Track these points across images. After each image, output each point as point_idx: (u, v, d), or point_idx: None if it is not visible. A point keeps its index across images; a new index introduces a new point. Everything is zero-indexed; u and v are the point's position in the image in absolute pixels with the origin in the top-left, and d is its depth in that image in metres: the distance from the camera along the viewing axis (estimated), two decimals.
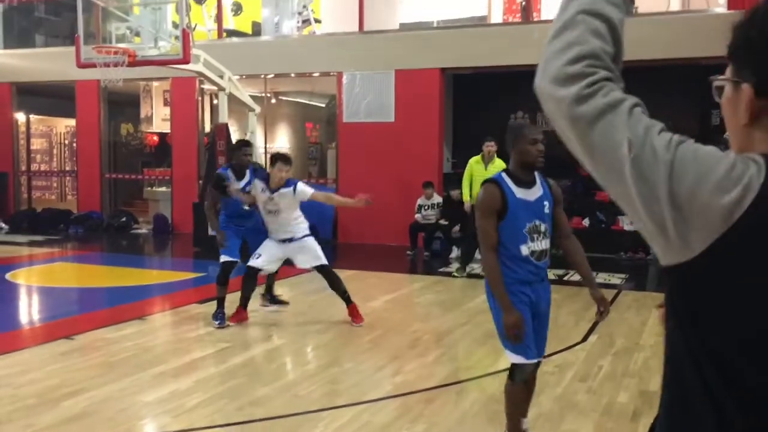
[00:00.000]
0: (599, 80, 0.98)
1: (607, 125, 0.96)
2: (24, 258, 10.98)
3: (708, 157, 0.95)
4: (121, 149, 16.39)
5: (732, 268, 0.93)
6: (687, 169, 0.93)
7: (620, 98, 0.98)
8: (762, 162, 0.95)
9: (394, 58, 12.06)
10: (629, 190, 0.96)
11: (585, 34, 1.00)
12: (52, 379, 4.84)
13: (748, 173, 0.93)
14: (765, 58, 0.99)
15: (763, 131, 1.01)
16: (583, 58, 0.98)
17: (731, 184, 0.92)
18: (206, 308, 7.22)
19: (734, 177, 0.92)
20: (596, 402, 4.50)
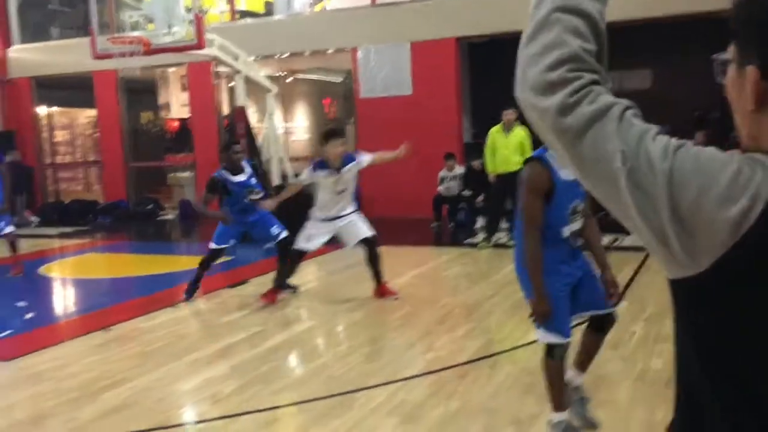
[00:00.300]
0: (584, 86, 0.89)
1: (596, 135, 0.88)
2: (55, 251, 11.16)
3: (710, 163, 0.86)
4: (142, 137, 16.50)
5: (742, 282, 0.87)
6: (688, 179, 0.85)
7: (609, 103, 0.89)
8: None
9: (408, 30, 11.93)
10: (626, 203, 0.89)
11: (563, 35, 0.90)
12: (91, 372, 4.94)
13: (755, 180, 0.85)
14: None
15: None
16: (564, 62, 0.89)
17: (737, 192, 0.84)
18: (236, 292, 7.31)
19: (740, 185, 0.84)
20: (630, 369, 4.49)
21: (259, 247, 7.12)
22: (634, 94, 7.87)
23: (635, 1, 10.27)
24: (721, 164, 0.86)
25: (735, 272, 0.86)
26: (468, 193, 10.98)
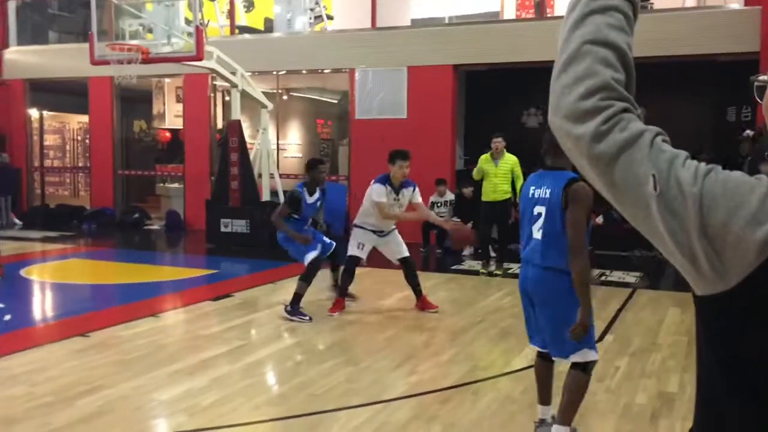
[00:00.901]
0: (616, 113, 0.92)
1: (628, 161, 0.91)
2: (38, 254, 11.03)
3: (739, 187, 0.89)
4: (133, 146, 16.44)
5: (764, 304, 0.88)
6: (717, 203, 0.87)
7: (640, 130, 0.92)
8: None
9: (407, 55, 12.01)
10: (657, 226, 0.91)
11: (594, 65, 0.93)
12: (68, 377, 4.84)
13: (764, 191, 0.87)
14: None
15: None
16: (596, 91, 0.92)
17: (765, 215, 0.86)
18: (220, 305, 7.23)
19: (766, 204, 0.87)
20: (614, 403, 4.46)
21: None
22: None
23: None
24: (750, 188, 0.88)
25: (761, 291, 0.87)
26: (457, 220, 10.98)
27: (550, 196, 3.53)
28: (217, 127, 13.99)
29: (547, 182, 3.61)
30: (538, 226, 3.58)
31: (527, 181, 3.78)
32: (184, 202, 13.97)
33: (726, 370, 0.93)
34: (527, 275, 3.68)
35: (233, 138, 11.35)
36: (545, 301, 3.61)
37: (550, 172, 3.63)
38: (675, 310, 6.99)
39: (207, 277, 9.18)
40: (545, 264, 3.56)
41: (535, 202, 3.62)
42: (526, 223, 3.67)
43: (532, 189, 3.66)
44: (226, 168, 11.45)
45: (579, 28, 0.96)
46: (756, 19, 9.78)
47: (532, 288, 3.65)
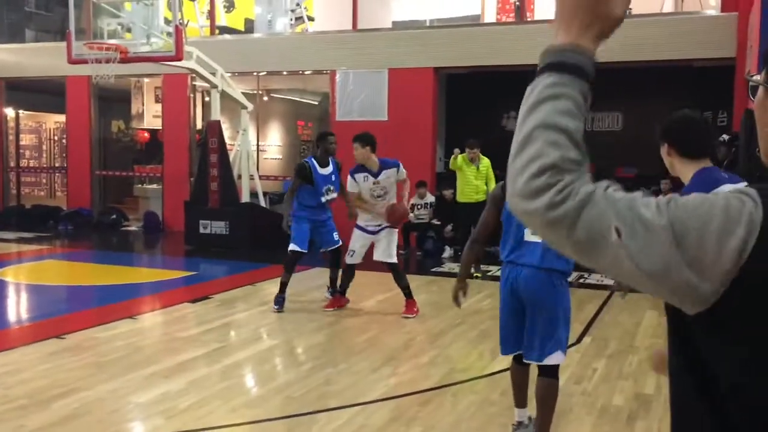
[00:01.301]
0: (567, 185, 0.94)
1: (588, 219, 0.92)
2: (13, 255, 10.88)
3: (700, 206, 0.92)
4: (111, 146, 16.27)
5: (749, 310, 0.91)
6: (686, 227, 0.90)
7: (591, 190, 0.94)
8: (755, 194, 0.92)
9: (388, 57, 12.02)
10: (633, 271, 0.92)
11: (544, 147, 0.96)
12: (43, 380, 4.78)
13: (746, 210, 0.90)
14: None
15: None
16: (546, 170, 0.95)
17: (733, 224, 0.89)
18: (198, 307, 7.18)
19: (733, 217, 0.90)
20: (591, 405, 4.49)
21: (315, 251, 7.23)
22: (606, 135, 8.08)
23: (608, 47, 10.50)
24: (710, 204, 0.92)
25: (742, 300, 0.90)
26: (437, 222, 11.01)
27: None
28: (196, 127, 13.89)
29: None
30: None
31: None
32: (163, 203, 13.86)
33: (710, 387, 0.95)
34: (520, 277, 3.67)
35: (213, 139, 11.29)
36: (542, 302, 3.63)
37: None
38: (652, 313, 7.06)
39: (185, 279, 9.11)
40: (544, 265, 3.60)
41: None
42: (515, 227, 3.68)
43: None
44: (205, 169, 11.37)
45: (532, 114, 0.99)
46: (732, 25, 9.92)
47: (527, 289, 3.64)
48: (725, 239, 0.89)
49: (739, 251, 0.88)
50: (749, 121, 5.29)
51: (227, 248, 10.73)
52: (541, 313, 3.65)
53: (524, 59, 11.45)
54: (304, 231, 6.98)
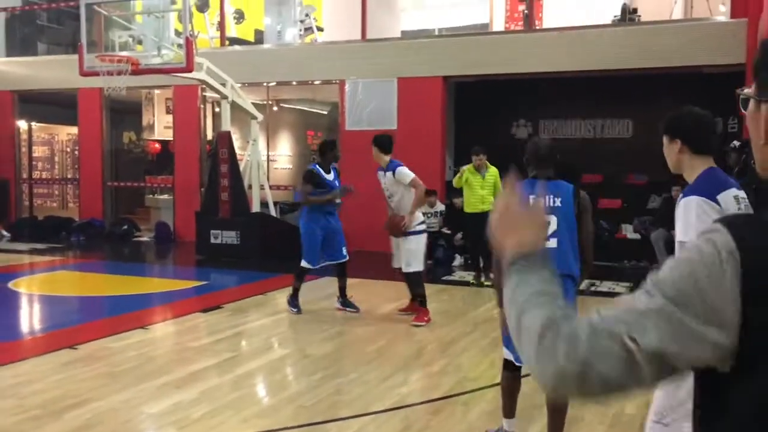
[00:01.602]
0: (567, 332, 0.98)
1: (601, 355, 0.94)
2: (26, 266, 10.96)
3: (684, 269, 0.95)
4: (122, 157, 16.38)
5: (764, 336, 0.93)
6: (684, 293, 0.93)
7: (584, 333, 0.96)
8: (719, 226, 0.95)
9: (397, 66, 12.06)
10: (670, 354, 0.94)
11: (534, 315, 1.02)
12: (56, 390, 4.81)
13: (718, 246, 0.93)
14: None
15: None
16: (545, 328, 1.00)
17: (716, 268, 0.92)
18: (209, 317, 7.21)
19: (711, 261, 0.93)
20: (603, 413, 4.46)
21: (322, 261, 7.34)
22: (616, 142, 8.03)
23: (618, 55, 10.51)
24: (689, 261, 0.95)
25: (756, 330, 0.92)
26: (447, 231, 11.01)
27: (562, 205, 3.59)
28: (207, 138, 13.97)
29: (549, 191, 3.63)
30: (549, 233, 3.61)
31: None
32: (174, 213, 13.93)
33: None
34: None
35: (223, 149, 11.34)
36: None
37: (545, 181, 3.67)
38: None
39: (197, 289, 9.14)
40: (561, 271, 3.61)
41: None
42: None
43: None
44: (216, 179, 11.43)
45: (515, 308, 1.06)
46: (742, 31, 9.89)
47: None
48: (718, 284, 0.92)
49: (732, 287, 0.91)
50: None
51: (238, 258, 10.76)
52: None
53: (533, 67, 11.49)
54: (317, 245, 7.10)
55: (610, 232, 11.14)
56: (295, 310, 7.19)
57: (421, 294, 6.92)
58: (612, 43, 10.75)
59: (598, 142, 11.97)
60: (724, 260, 0.92)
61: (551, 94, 11.71)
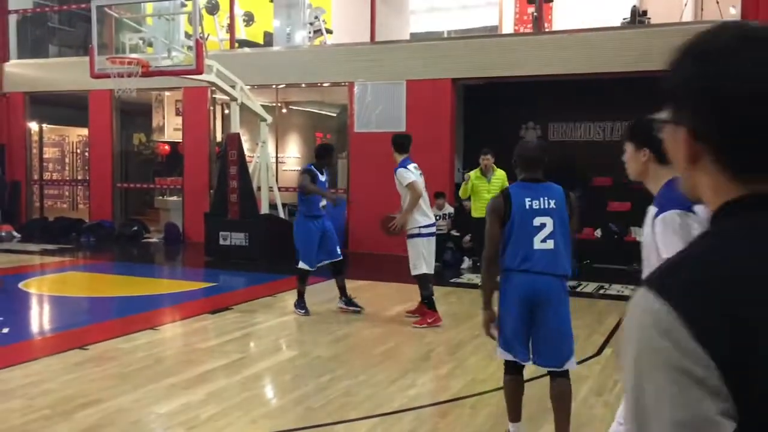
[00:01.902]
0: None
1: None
2: (36, 267, 11.03)
3: (643, 351, 0.84)
4: (133, 159, 16.47)
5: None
6: (673, 394, 0.81)
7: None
8: (653, 300, 0.83)
9: (406, 69, 12.08)
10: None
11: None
12: (66, 390, 4.84)
13: (662, 329, 0.82)
14: (704, 99, 0.91)
15: (706, 176, 0.94)
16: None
17: (677, 352, 0.80)
18: (218, 319, 7.23)
19: (661, 348, 0.82)
20: (613, 416, 4.44)
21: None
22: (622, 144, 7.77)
23: (628, 56, 10.48)
24: (649, 347, 0.84)
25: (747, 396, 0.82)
26: (456, 234, 11.00)
27: (557, 207, 3.62)
28: (216, 140, 14.02)
29: (543, 193, 3.66)
30: (543, 236, 3.62)
31: (517, 194, 3.74)
32: (183, 214, 13.98)
33: None
34: (537, 286, 3.67)
35: (232, 151, 11.38)
36: (557, 308, 3.69)
37: (536, 184, 3.71)
38: None
39: (206, 290, 9.17)
40: (559, 272, 3.67)
41: (534, 213, 3.64)
42: (523, 235, 3.67)
43: (528, 201, 3.67)
44: (225, 181, 11.47)
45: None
46: None
47: (545, 297, 3.67)
48: (693, 328, 0.81)
49: (700, 374, 0.80)
50: None
51: (247, 259, 10.79)
52: (556, 319, 3.68)
53: (542, 70, 11.48)
54: (314, 246, 7.19)
55: (620, 235, 11.10)
56: (302, 311, 7.22)
57: (426, 296, 6.92)
58: (621, 46, 10.73)
59: (608, 144, 11.92)
60: (675, 346, 0.81)
61: (560, 96, 11.69)
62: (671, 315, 0.82)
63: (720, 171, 0.93)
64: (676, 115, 0.98)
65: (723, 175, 0.93)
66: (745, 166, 0.92)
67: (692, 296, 0.83)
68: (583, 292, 8.48)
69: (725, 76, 0.90)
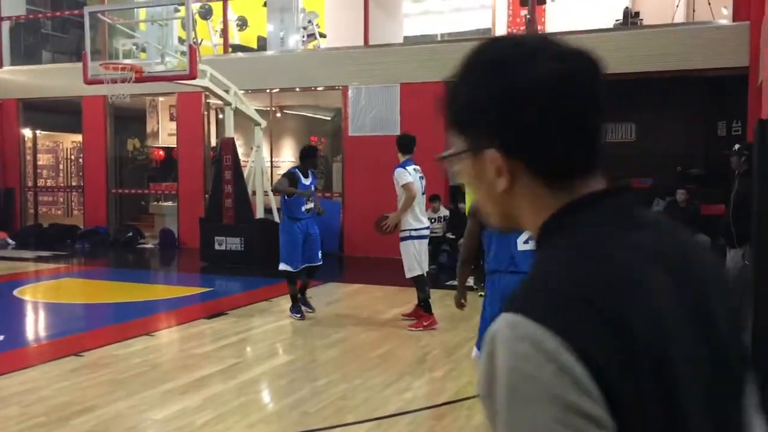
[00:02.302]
0: None
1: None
2: (31, 274, 10.99)
3: (538, 398, 0.76)
4: (127, 164, 16.44)
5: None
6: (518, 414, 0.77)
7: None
8: (545, 335, 0.76)
9: (399, 72, 12.09)
10: None
11: None
12: (62, 397, 4.82)
13: (563, 369, 0.75)
14: (507, 110, 0.88)
15: (525, 194, 0.91)
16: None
17: (562, 380, 0.75)
18: (214, 324, 7.21)
19: (546, 392, 0.75)
20: None
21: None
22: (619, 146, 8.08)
23: (621, 59, 10.51)
24: (513, 354, 0.79)
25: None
26: (452, 236, 11.00)
27: None
28: (210, 145, 14.01)
29: None
30: (526, 237, 3.66)
31: None
32: (178, 220, 13.96)
33: None
34: (516, 284, 3.72)
35: (227, 156, 11.37)
36: None
37: None
38: None
39: (201, 296, 9.16)
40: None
41: None
42: (507, 237, 3.72)
43: None
44: (219, 186, 11.46)
45: None
46: (744, 33, 9.89)
47: None
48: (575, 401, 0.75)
49: (589, 410, 0.75)
50: (762, 131, 5.25)
51: (242, 264, 10.78)
52: None
53: None
54: (298, 248, 7.22)
55: None
56: (297, 315, 7.22)
57: (423, 298, 6.93)
58: (614, 47, 10.74)
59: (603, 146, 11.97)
60: (574, 385, 0.75)
61: None
62: (554, 339, 0.76)
63: (540, 185, 0.90)
64: (475, 140, 0.92)
65: (543, 189, 0.90)
66: (562, 171, 0.90)
67: (568, 316, 0.78)
68: None
69: (521, 84, 0.88)
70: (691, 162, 11.17)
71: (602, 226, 0.88)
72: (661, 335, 0.80)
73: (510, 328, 0.79)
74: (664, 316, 0.82)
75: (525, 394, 0.76)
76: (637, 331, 0.78)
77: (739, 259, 5.99)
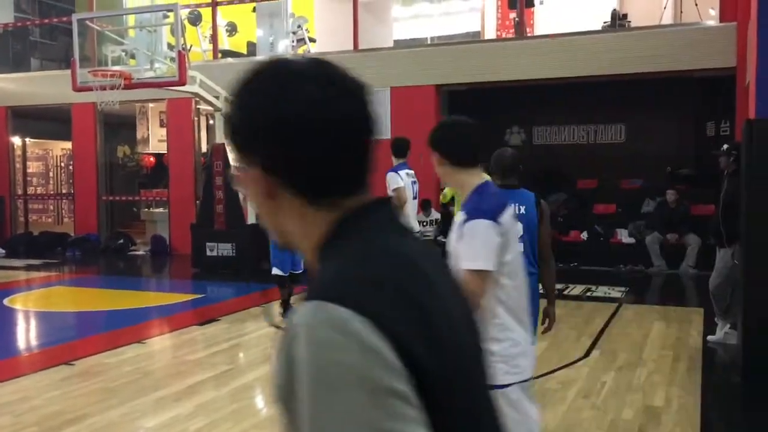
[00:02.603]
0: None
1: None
2: (21, 282, 10.93)
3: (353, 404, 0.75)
4: (117, 171, 16.39)
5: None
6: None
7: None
8: (360, 325, 0.77)
9: (389, 76, 12.10)
10: None
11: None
12: (53, 406, 4.80)
13: (362, 351, 0.76)
14: (266, 132, 0.92)
15: (289, 209, 0.94)
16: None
17: (375, 363, 0.76)
18: (206, 330, 7.19)
19: (363, 377, 0.75)
20: (601, 419, 4.47)
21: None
22: (609, 147, 8.13)
23: (610, 60, 10.57)
24: (318, 341, 0.79)
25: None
26: (443, 240, 11.02)
27: (527, 213, 3.77)
28: (201, 151, 13.98)
29: (515, 199, 3.74)
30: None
31: None
32: (169, 226, 13.92)
33: None
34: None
35: (218, 161, 11.35)
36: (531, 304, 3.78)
37: (509, 190, 3.78)
38: (660, 324, 7.04)
39: (193, 302, 9.13)
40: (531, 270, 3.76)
41: None
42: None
43: None
44: (210, 192, 11.43)
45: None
46: (732, 34, 9.96)
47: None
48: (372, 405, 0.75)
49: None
50: (749, 131, 5.28)
51: (234, 270, 10.76)
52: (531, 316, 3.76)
53: (525, 74, 11.54)
54: (285, 252, 7.12)
55: (605, 237, 11.16)
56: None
57: None
58: (603, 49, 10.81)
59: (592, 147, 12.01)
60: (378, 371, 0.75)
61: (544, 100, 11.76)
62: (358, 319, 0.77)
63: (304, 203, 0.94)
64: (245, 159, 0.96)
65: (308, 207, 0.94)
66: (325, 190, 0.94)
67: (369, 297, 0.80)
68: (570, 294, 8.51)
69: (282, 108, 0.92)
70: (680, 162, 11.23)
71: (380, 231, 0.94)
72: (447, 311, 0.89)
73: (309, 316, 0.79)
74: (446, 297, 0.92)
75: (331, 382, 0.75)
76: (430, 307, 0.85)
77: (729, 259, 6.02)
